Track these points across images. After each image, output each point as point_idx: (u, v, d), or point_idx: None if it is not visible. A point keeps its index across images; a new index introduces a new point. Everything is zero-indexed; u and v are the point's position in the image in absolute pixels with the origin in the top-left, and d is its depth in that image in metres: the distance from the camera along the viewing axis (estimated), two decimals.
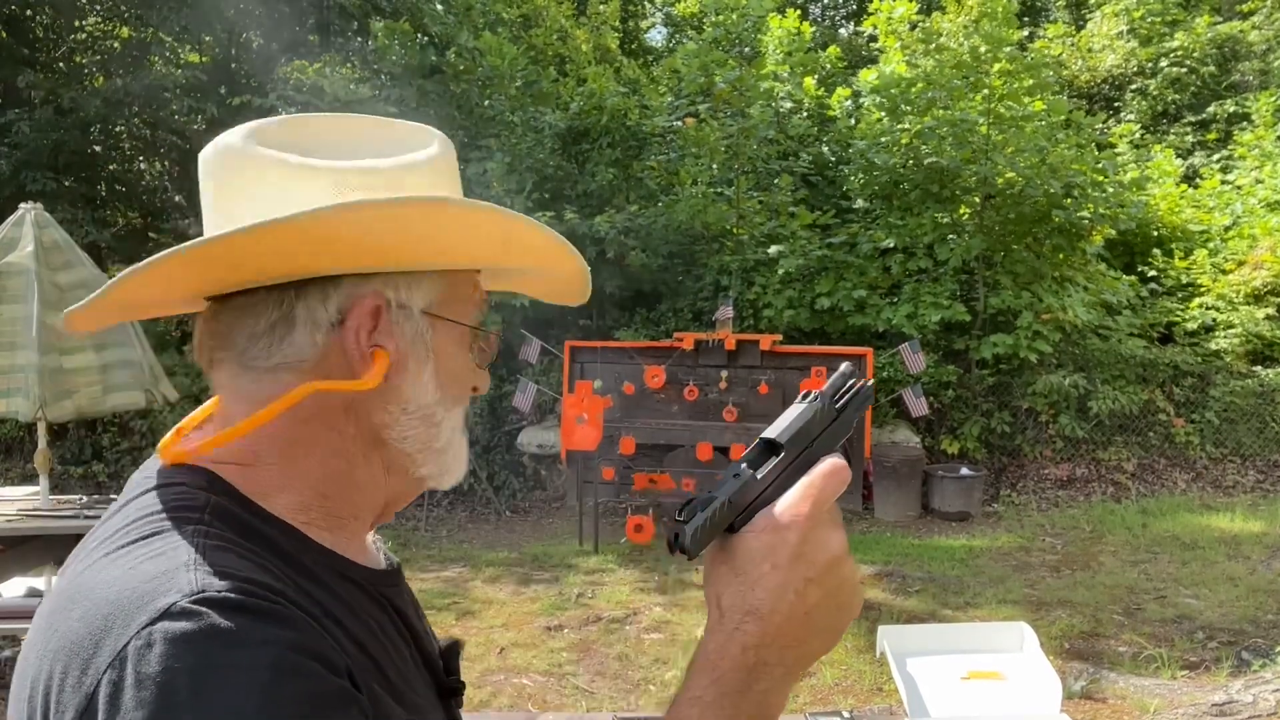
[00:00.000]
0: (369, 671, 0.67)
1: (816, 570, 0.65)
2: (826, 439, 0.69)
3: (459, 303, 0.79)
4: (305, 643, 0.58)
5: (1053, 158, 8.94)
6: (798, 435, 0.68)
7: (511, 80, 10.27)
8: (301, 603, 0.62)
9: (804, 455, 0.68)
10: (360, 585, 0.74)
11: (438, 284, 0.77)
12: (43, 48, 11.11)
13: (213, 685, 0.52)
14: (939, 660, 2.34)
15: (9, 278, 4.27)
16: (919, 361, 7.38)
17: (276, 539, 0.68)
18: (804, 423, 0.68)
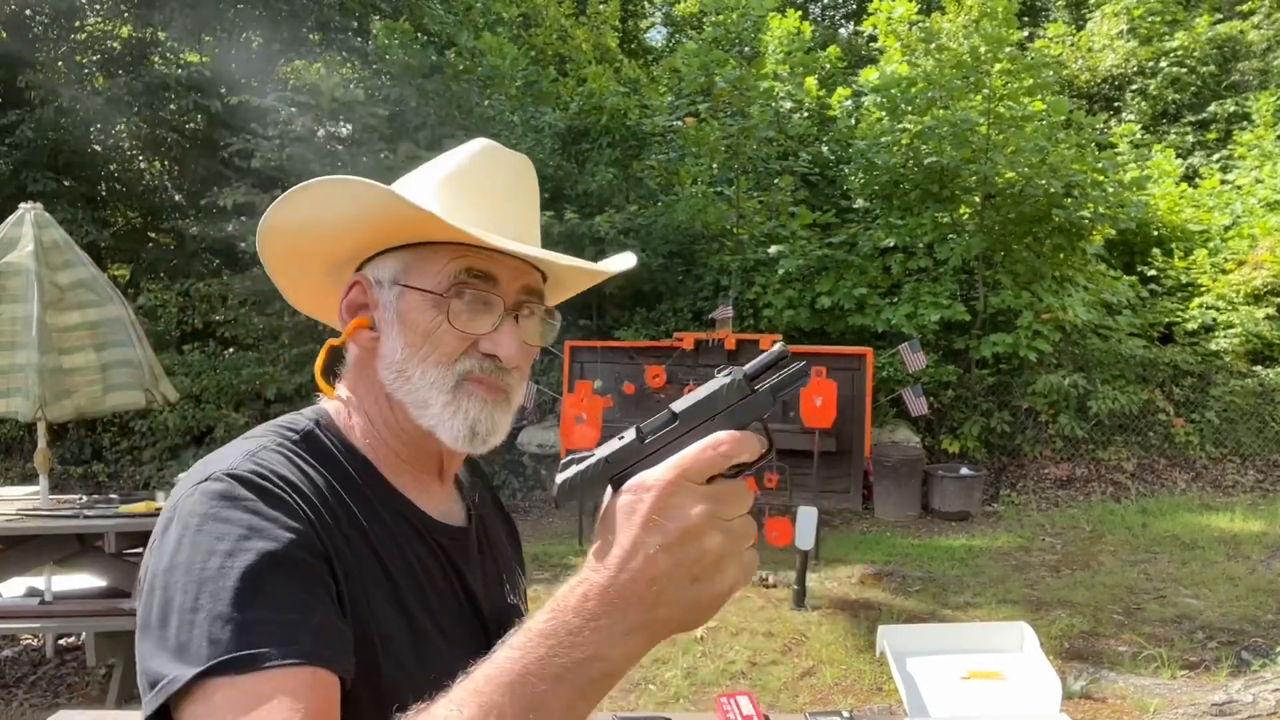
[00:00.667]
0: (378, 581, 0.85)
1: (669, 537, 0.63)
2: (735, 414, 0.66)
3: (428, 273, 0.91)
4: (268, 510, 0.78)
5: (1053, 157, 8.94)
6: (697, 407, 0.66)
7: (511, 80, 10.28)
8: (314, 500, 0.82)
9: (703, 427, 0.66)
10: (411, 523, 0.93)
11: (401, 258, 0.93)
12: (43, 48, 11.10)
13: (208, 527, 0.75)
14: (939, 660, 2.33)
15: (9, 277, 4.27)
16: (919, 361, 7.38)
17: (346, 464, 0.91)
18: (707, 395, 0.66)
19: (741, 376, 0.66)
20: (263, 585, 0.72)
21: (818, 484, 7.12)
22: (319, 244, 0.97)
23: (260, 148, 8.69)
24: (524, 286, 0.94)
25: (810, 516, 5.33)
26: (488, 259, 0.91)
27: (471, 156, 0.98)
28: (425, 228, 0.90)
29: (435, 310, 0.90)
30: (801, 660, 4.73)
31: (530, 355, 0.96)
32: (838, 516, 8.03)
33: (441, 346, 0.90)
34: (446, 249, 0.91)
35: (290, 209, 0.92)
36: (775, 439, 0.70)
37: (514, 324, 0.92)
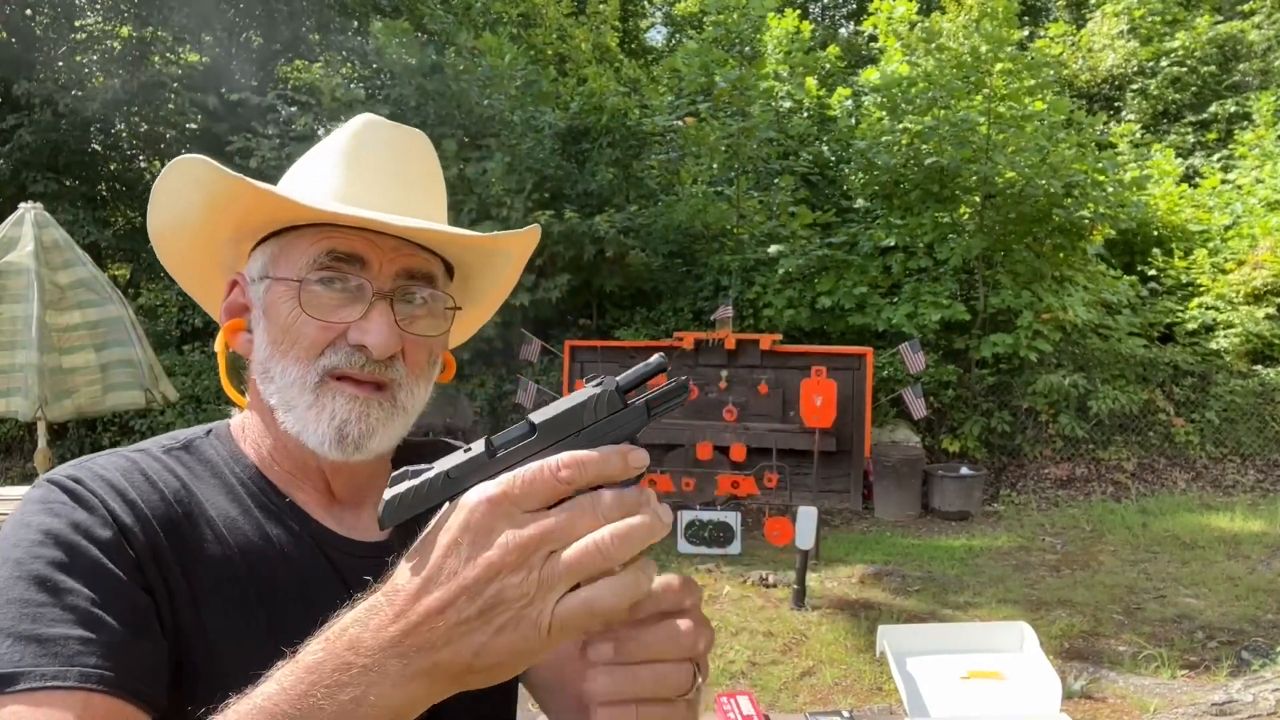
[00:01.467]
0: (225, 599, 0.76)
1: (468, 568, 0.52)
2: (601, 431, 0.57)
3: (292, 261, 0.82)
4: (76, 517, 0.72)
5: (1053, 157, 8.94)
6: (558, 420, 0.57)
7: (511, 80, 10.27)
8: (148, 510, 0.75)
9: (564, 443, 0.56)
10: (302, 536, 0.83)
11: (270, 249, 0.85)
12: (43, 47, 11.10)
13: (17, 527, 0.72)
14: (939, 660, 2.33)
15: (9, 277, 4.28)
16: (919, 361, 7.38)
17: (229, 473, 0.84)
18: (571, 407, 0.57)
19: (613, 388, 0.58)
20: (48, 598, 0.66)
21: (818, 484, 7.12)
22: (196, 243, 0.90)
23: (260, 146, 8.69)
24: (404, 269, 0.83)
25: (810, 516, 5.33)
26: (354, 239, 0.81)
27: (354, 134, 0.88)
28: (281, 211, 0.81)
29: (293, 299, 0.80)
30: (801, 660, 4.73)
31: (424, 348, 0.84)
32: (838, 516, 8.03)
33: (301, 340, 0.80)
34: (310, 232, 0.82)
35: (156, 210, 0.86)
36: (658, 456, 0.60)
37: (387, 309, 0.80)
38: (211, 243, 0.90)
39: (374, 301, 0.80)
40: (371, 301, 0.80)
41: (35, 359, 4.16)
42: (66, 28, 11.47)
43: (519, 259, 0.96)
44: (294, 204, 0.78)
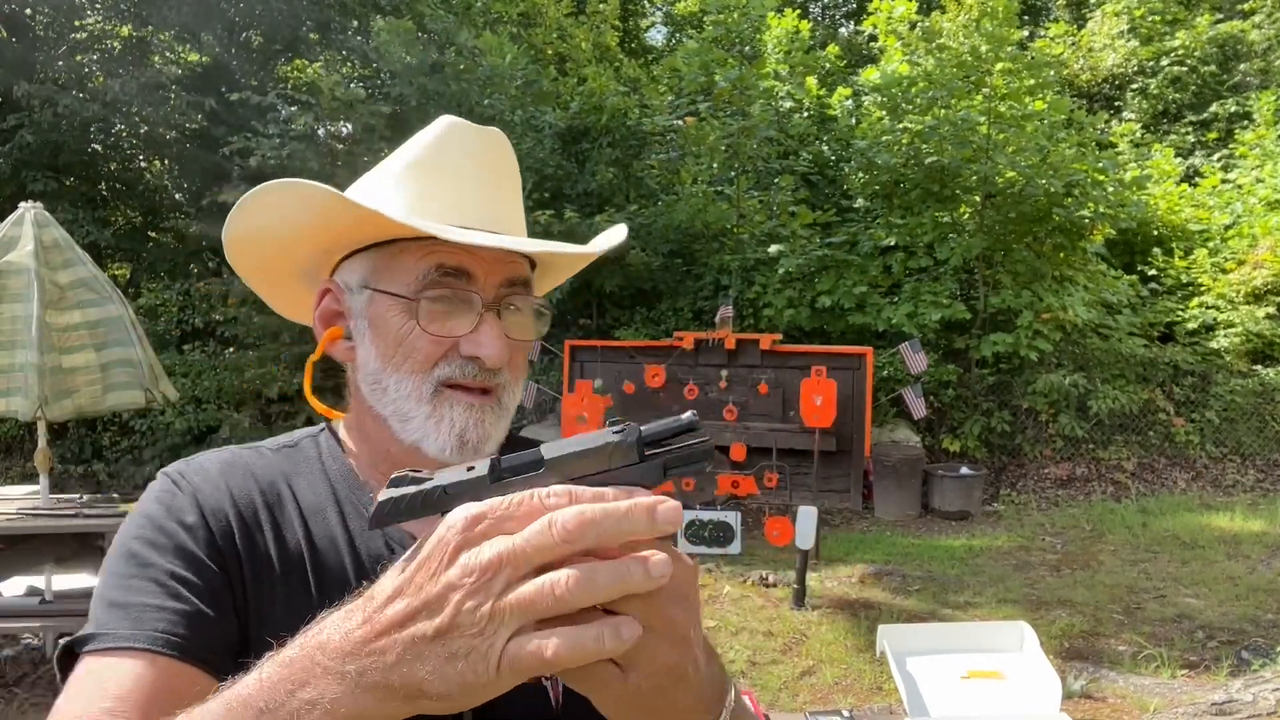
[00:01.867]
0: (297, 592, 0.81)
1: (431, 585, 0.50)
2: (610, 482, 0.53)
3: (397, 275, 0.85)
4: (171, 503, 0.82)
5: (1053, 157, 8.94)
6: (569, 460, 0.54)
7: (511, 79, 10.27)
8: (238, 504, 0.84)
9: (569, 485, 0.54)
10: (389, 540, 0.87)
11: (370, 260, 0.87)
12: (43, 47, 11.10)
13: (132, 513, 0.84)
14: (939, 659, 2.34)
15: (9, 276, 4.27)
16: (919, 361, 7.39)
17: (326, 475, 0.90)
18: (585, 449, 0.54)
19: (634, 439, 0.54)
20: (136, 570, 0.77)
21: (818, 483, 7.12)
22: (281, 252, 0.92)
23: (260, 146, 8.69)
24: (505, 279, 0.86)
25: (810, 516, 5.33)
26: (461, 253, 0.83)
27: (438, 138, 0.90)
28: (385, 226, 0.82)
29: (406, 314, 0.83)
30: (801, 660, 4.73)
31: (522, 351, 0.89)
32: (838, 516, 8.03)
33: (416, 353, 0.83)
34: (415, 245, 0.84)
35: (244, 218, 0.87)
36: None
37: (496, 320, 0.84)
38: (296, 253, 0.92)
39: (484, 314, 0.84)
40: (482, 314, 0.84)
41: (35, 359, 4.16)
42: (66, 28, 11.47)
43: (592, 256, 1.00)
44: (404, 226, 0.80)
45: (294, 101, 9.12)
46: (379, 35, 10.62)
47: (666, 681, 0.55)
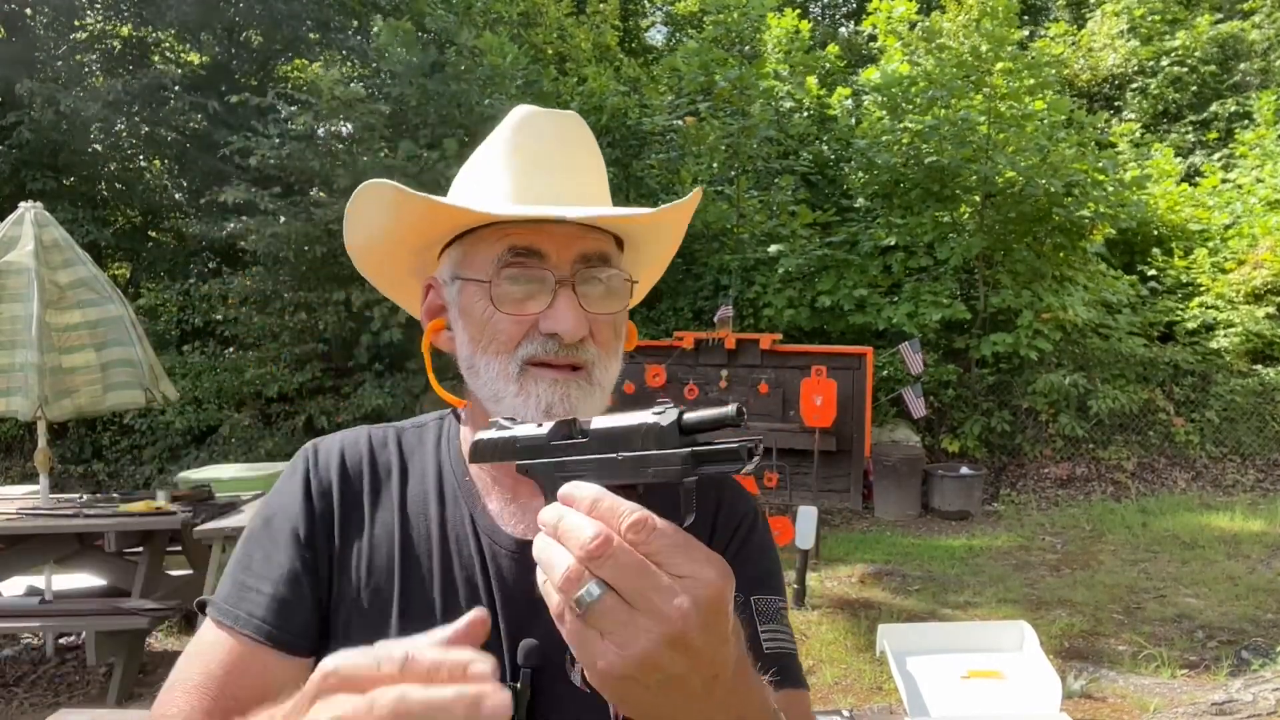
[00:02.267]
0: (384, 547, 0.90)
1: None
2: (645, 463, 0.55)
3: (478, 261, 0.89)
4: (286, 486, 0.93)
5: (1053, 157, 8.94)
6: (612, 434, 0.57)
7: (512, 79, 10.27)
8: (352, 484, 0.93)
9: (608, 461, 0.57)
10: (473, 528, 0.91)
11: (456, 251, 0.92)
12: (43, 47, 11.10)
13: (278, 481, 0.96)
14: (939, 659, 2.34)
15: (9, 276, 4.28)
16: (919, 361, 7.39)
17: (436, 459, 0.96)
18: (627, 426, 0.56)
19: (672, 422, 0.54)
20: (251, 549, 0.90)
21: (818, 483, 7.13)
22: (389, 256, 0.99)
23: (260, 145, 8.69)
24: (580, 254, 0.87)
25: (810, 516, 5.33)
26: (530, 233, 0.86)
27: (511, 126, 0.93)
28: (459, 218, 0.88)
29: (486, 298, 0.87)
30: (801, 659, 4.73)
31: (607, 326, 0.90)
32: (838, 516, 8.03)
33: (499, 335, 0.87)
34: (491, 232, 0.88)
35: (351, 232, 0.95)
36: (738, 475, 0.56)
37: (570, 295, 0.86)
38: (399, 252, 0.97)
39: (558, 289, 0.86)
40: (555, 290, 0.86)
41: (35, 358, 4.16)
42: (66, 27, 11.47)
43: (681, 223, 1.01)
44: (467, 211, 0.85)
45: (294, 101, 9.11)
46: (379, 35, 10.62)
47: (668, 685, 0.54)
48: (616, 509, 0.53)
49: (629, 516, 0.53)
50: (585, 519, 0.53)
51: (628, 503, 0.54)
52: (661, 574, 0.52)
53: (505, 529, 0.91)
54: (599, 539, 0.52)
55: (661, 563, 0.52)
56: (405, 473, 0.95)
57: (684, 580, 0.52)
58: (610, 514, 0.53)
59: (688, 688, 0.54)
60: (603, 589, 0.52)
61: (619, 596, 0.52)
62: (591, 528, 0.52)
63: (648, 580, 0.52)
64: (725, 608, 0.53)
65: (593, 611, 0.52)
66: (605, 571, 0.52)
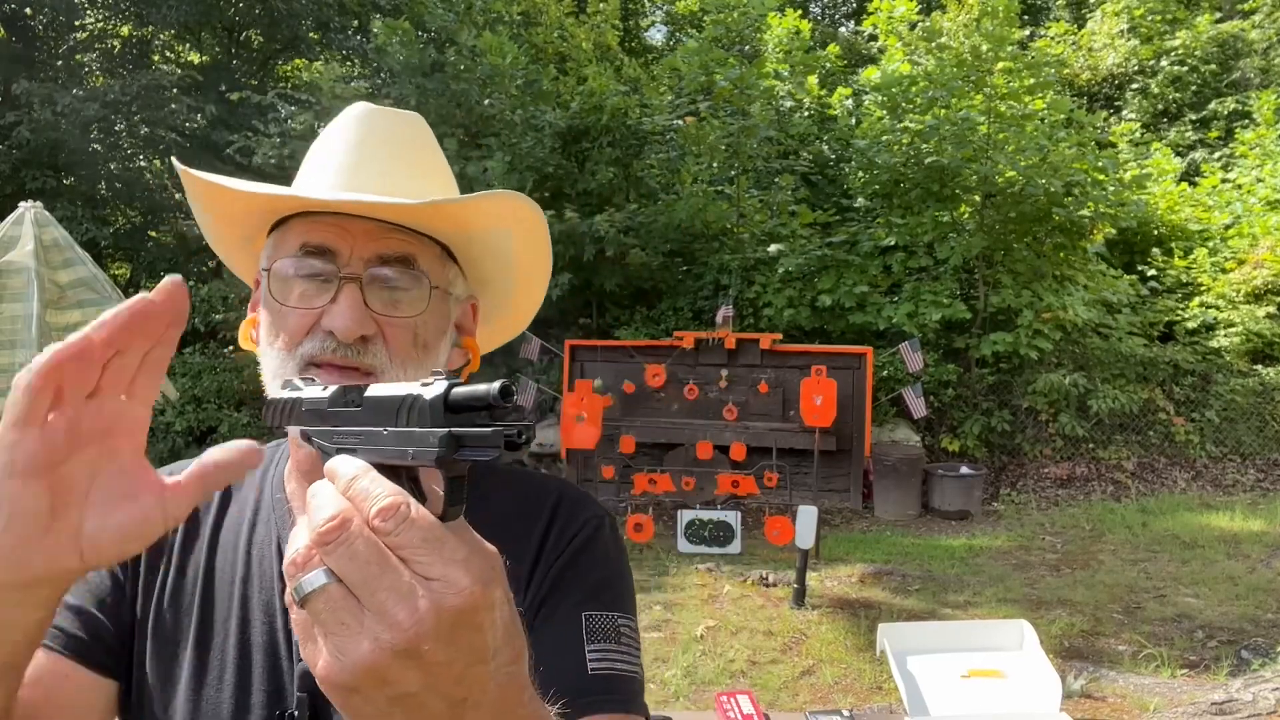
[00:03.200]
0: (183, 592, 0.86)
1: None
2: (405, 439, 0.48)
3: (280, 255, 0.85)
4: None
5: (1053, 156, 8.94)
6: (381, 404, 0.50)
7: (512, 79, 10.27)
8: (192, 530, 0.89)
9: (374, 434, 0.50)
10: (275, 551, 0.87)
11: (269, 243, 0.88)
12: (43, 47, 11.10)
13: None
14: (939, 658, 2.34)
15: (9, 276, 4.27)
16: (918, 361, 7.39)
17: (254, 483, 0.92)
18: (394, 396, 0.49)
19: (438, 396, 0.46)
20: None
21: (818, 483, 7.13)
22: (222, 247, 0.96)
23: (261, 145, 8.69)
24: (377, 254, 0.82)
25: (810, 515, 5.34)
26: (325, 230, 0.82)
27: (337, 123, 0.91)
28: (270, 205, 0.85)
29: (275, 290, 0.84)
30: (801, 659, 4.73)
31: (402, 329, 0.82)
32: (838, 515, 8.03)
33: (284, 330, 0.82)
34: (296, 224, 0.84)
35: (200, 223, 0.94)
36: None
37: (354, 292, 0.80)
38: (231, 242, 0.95)
39: (342, 285, 0.81)
40: (340, 285, 0.81)
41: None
42: (66, 27, 11.47)
43: (517, 238, 0.91)
44: (239, 192, 0.82)
45: (294, 101, 9.12)
46: (379, 35, 10.62)
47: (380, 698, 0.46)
48: (369, 492, 0.46)
49: (380, 500, 0.45)
50: (332, 497, 0.46)
51: (387, 484, 0.46)
52: (403, 571, 0.44)
53: None
54: (335, 521, 0.45)
55: (408, 559, 0.44)
56: (228, 496, 0.91)
57: (430, 583, 0.44)
58: (361, 496, 0.46)
59: (426, 710, 0.46)
60: (329, 579, 0.45)
61: (347, 591, 0.45)
62: (332, 507, 0.46)
63: (384, 577, 0.44)
64: (477, 619, 0.46)
65: (312, 603, 0.45)
66: (335, 559, 0.45)
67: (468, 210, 0.84)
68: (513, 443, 0.44)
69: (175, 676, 0.83)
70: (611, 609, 0.85)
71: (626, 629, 0.86)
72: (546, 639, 0.80)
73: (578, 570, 0.86)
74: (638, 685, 0.84)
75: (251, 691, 0.81)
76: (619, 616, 0.85)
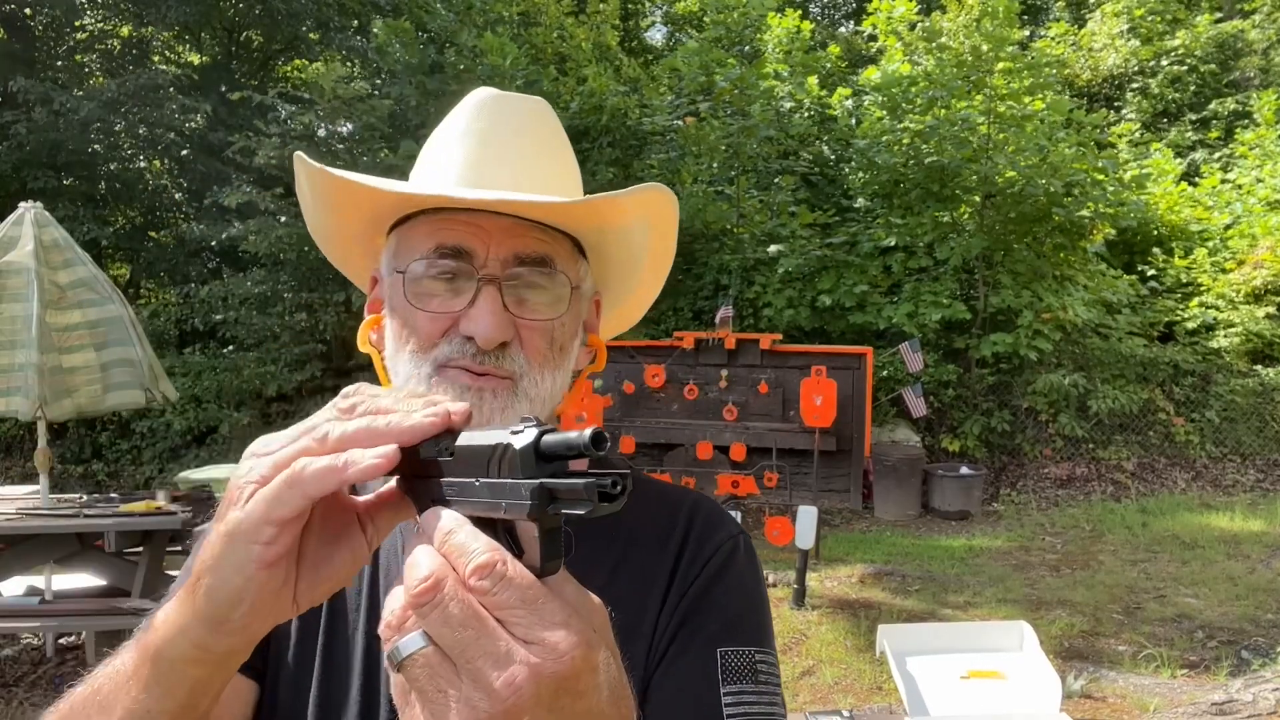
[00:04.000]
0: (314, 624, 0.81)
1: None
2: (497, 490, 0.46)
3: (409, 254, 0.80)
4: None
5: (1053, 157, 8.94)
6: (473, 454, 0.48)
7: (512, 79, 10.27)
8: None
9: (466, 484, 0.48)
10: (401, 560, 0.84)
11: (393, 242, 0.83)
12: (43, 47, 11.10)
13: None
14: (939, 659, 2.34)
15: (9, 276, 4.27)
16: (918, 361, 7.38)
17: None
18: (485, 445, 0.47)
19: (528, 445, 0.44)
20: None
21: (818, 483, 7.13)
22: (334, 243, 0.92)
23: (261, 145, 8.69)
24: (514, 254, 0.78)
25: (810, 516, 5.33)
26: (460, 229, 0.78)
27: (461, 112, 0.86)
28: (389, 201, 0.81)
29: (409, 293, 0.79)
30: (801, 659, 4.73)
31: (539, 332, 0.79)
32: (838, 516, 8.03)
33: (418, 333, 0.78)
34: (425, 223, 0.80)
35: (306, 216, 0.89)
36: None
37: (494, 295, 0.76)
38: (343, 240, 0.91)
39: (480, 287, 0.77)
40: (478, 288, 0.77)
41: (35, 358, 4.16)
42: (66, 27, 11.47)
43: (653, 230, 0.86)
44: (367, 188, 0.78)
45: (294, 101, 9.12)
46: (379, 36, 10.63)
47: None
48: (465, 548, 0.44)
49: (476, 557, 0.43)
50: (427, 554, 0.44)
51: (484, 539, 0.44)
52: (500, 635, 0.42)
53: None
54: (429, 582, 0.43)
55: (506, 620, 0.42)
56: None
57: (529, 647, 0.42)
58: (457, 552, 0.44)
59: None
60: (425, 642, 0.43)
61: (444, 655, 0.43)
62: (426, 566, 0.43)
63: (480, 642, 0.42)
64: (580, 685, 0.43)
65: (408, 668, 0.43)
66: (429, 623, 0.43)
67: (615, 206, 0.80)
68: (607, 494, 0.42)
69: (303, 702, 0.79)
70: (748, 644, 0.80)
71: (764, 665, 0.80)
72: (678, 677, 0.76)
73: (712, 600, 0.81)
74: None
75: (379, 708, 0.78)
76: (756, 652, 0.80)
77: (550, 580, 0.45)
